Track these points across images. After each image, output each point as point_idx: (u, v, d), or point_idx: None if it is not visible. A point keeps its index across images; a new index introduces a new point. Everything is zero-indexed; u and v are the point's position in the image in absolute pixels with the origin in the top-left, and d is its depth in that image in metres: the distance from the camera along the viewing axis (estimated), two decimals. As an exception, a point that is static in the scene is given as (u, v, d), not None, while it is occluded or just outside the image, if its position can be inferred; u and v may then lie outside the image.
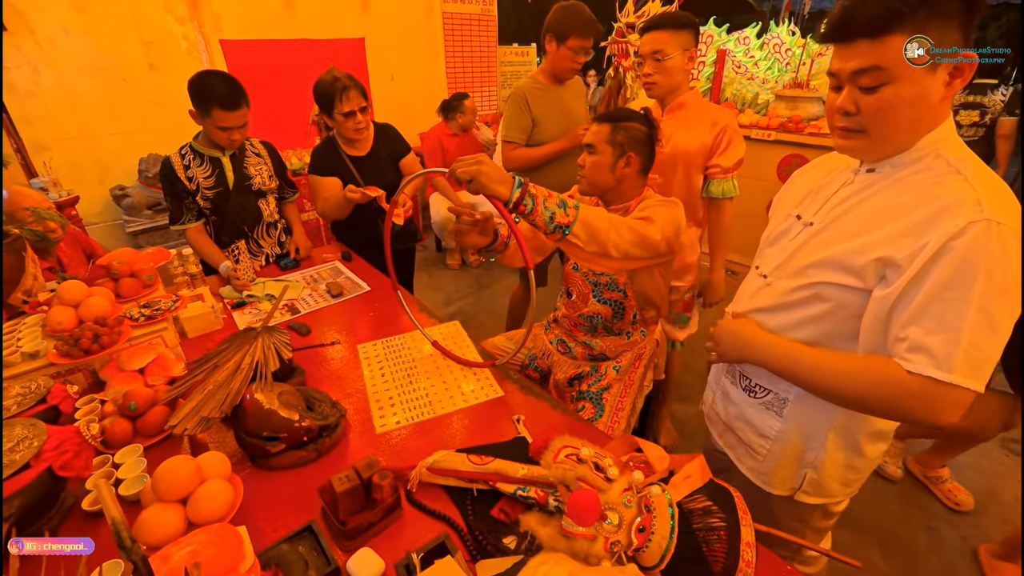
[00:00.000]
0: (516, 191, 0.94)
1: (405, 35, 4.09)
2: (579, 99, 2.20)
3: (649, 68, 1.59)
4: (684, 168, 1.65)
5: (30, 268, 1.29)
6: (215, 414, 0.89)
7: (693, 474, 0.71)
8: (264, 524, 0.82)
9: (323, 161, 1.90)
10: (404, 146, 2.06)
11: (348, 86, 1.75)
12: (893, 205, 0.75)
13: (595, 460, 0.71)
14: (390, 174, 1.99)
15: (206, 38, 3.12)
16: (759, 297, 0.95)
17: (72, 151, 2.83)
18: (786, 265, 0.89)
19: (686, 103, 1.63)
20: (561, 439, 0.77)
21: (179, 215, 1.74)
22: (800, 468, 0.93)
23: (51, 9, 2.60)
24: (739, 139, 1.59)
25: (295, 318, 1.49)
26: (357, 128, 1.81)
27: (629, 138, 1.28)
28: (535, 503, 0.77)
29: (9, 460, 0.72)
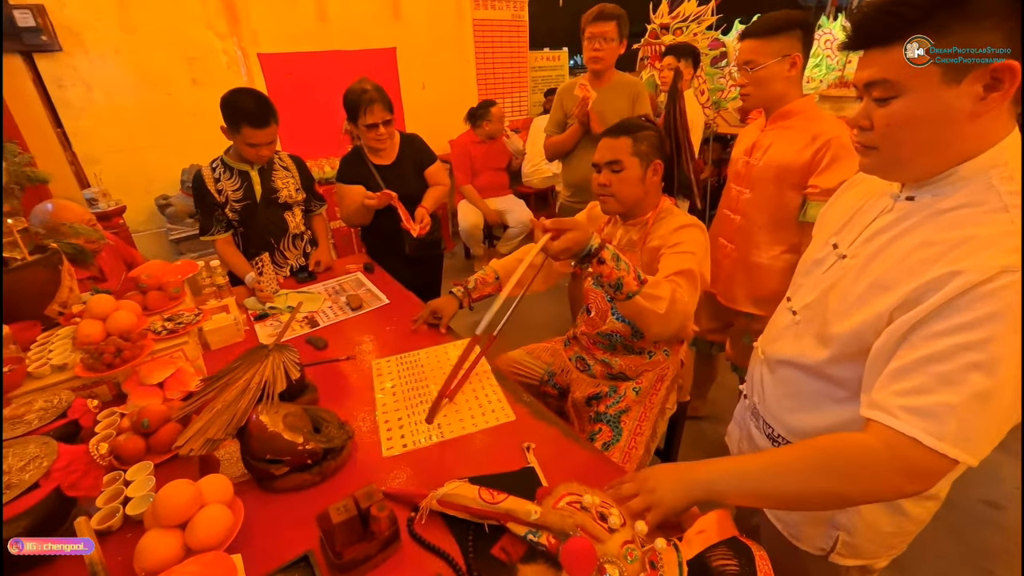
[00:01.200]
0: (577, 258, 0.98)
1: (436, 43, 4.12)
2: (626, 96, 2.15)
3: (741, 79, 1.50)
4: (777, 184, 1.50)
5: (66, 281, 1.34)
6: (220, 435, 0.88)
7: (708, 528, 0.64)
8: (262, 550, 0.80)
9: (349, 169, 1.96)
10: (430, 155, 2.08)
11: (373, 99, 1.79)
12: (927, 244, 0.63)
13: (600, 509, 0.66)
14: (414, 183, 2.01)
15: (245, 53, 3.23)
16: (785, 340, 0.86)
17: (120, 163, 2.98)
18: (815, 306, 0.80)
19: (793, 112, 1.48)
20: (567, 485, 0.72)
21: (209, 226, 1.79)
22: (830, 530, 0.83)
23: (103, 30, 2.75)
24: (847, 156, 1.38)
25: (314, 331, 1.50)
26: (379, 139, 1.86)
27: (651, 146, 1.27)
28: (545, 550, 0.72)
29: (19, 479, 0.73)
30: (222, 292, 1.68)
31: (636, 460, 1.26)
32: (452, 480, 0.86)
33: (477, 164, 3.58)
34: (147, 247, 3.12)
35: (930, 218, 0.65)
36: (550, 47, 5.26)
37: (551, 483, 0.90)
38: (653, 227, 1.29)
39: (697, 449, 2.06)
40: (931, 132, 0.62)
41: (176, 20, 2.95)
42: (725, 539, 0.64)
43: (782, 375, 0.88)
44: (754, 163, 1.56)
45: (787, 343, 0.86)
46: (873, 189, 0.80)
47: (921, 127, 0.62)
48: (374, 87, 1.82)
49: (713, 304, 1.82)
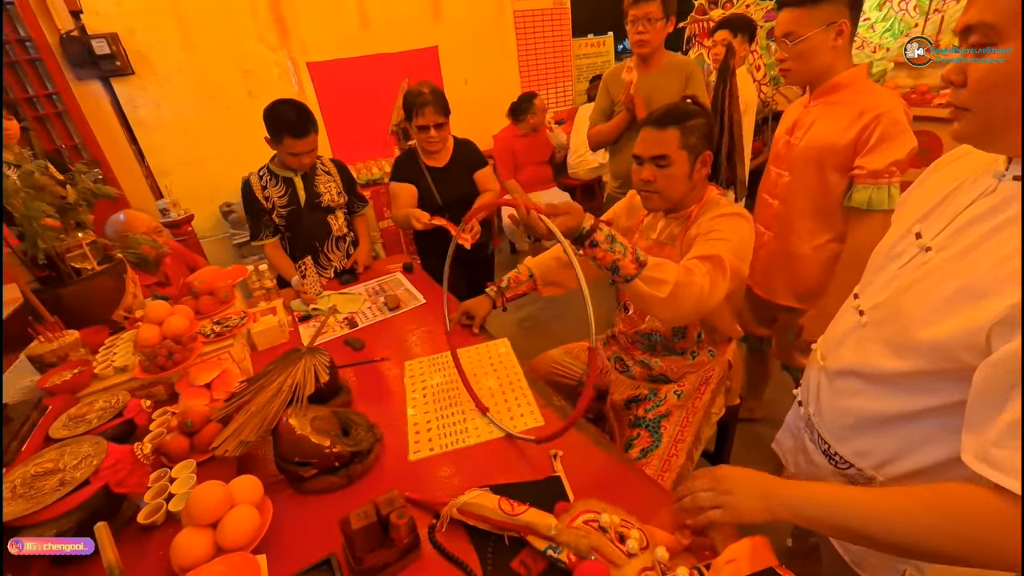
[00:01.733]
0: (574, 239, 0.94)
1: (477, 38, 4.11)
2: (677, 78, 2.00)
3: (781, 52, 1.35)
4: (818, 166, 1.36)
5: (129, 287, 1.45)
6: (253, 437, 0.91)
7: (739, 558, 0.58)
8: (288, 551, 0.82)
9: (403, 169, 1.98)
10: (480, 160, 2.07)
11: (427, 102, 1.80)
12: None
13: (619, 529, 0.61)
14: (464, 186, 2.03)
15: (295, 63, 3.37)
16: (848, 346, 0.74)
17: (188, 174, 3.21)
18: (889, 307, 0.67)
19: (840, 85, 1.32)
20: (585, 502, 0.68)
21: (258, 231, 1.88)
22: (896, 562, 0.72)
23: (168, 51, 2.96)
24: (900, 133, 1.22)
25: (352, 332, 1.53)
26: (429, 141, 1.88)
27: (701, 136, 1.15)
28: (565, 568, 0.69)
29: (72, 477, 0.79)
30: (270, 295, 1.75)
31: (676, 468, 1.18)
32: (473, 488, 0.84)
33: (520, 158, 3.54)
34: (213, 252, 3.34)
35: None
36: (594, 33, 5.10)
37: (577, 494, 0.86)
38: (696, 219, 1.20)
39: (752, 454, 1.92)
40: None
41: (231, 36, 3.12)
42: (759, 572, 0.57)
43: (843, 386, 0.76)
44: (795, 143, 1.41)
45: (851, 349, 0.75)
46: (972, 166, 0.66)
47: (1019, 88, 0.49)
48: (431, 90, 1.82)
49: (753, 297, 1.68)
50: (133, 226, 1.82)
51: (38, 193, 1.22)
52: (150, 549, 0.84)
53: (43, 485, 0.78)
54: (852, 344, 0.75)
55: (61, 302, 1.28)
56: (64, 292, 1.29)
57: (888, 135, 1.22)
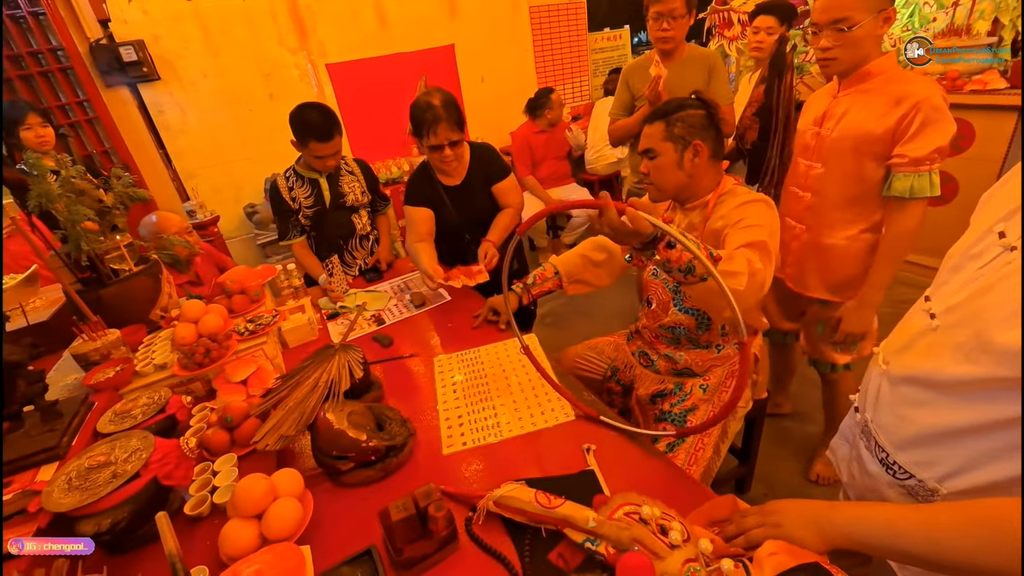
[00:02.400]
0: (640, 246, 0.90)
1: (493, 35, 4.12)
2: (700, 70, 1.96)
3: (828, 40, 1.28)
4: (854, 156, 1.33)
5: (165, 288, 1.49)
6: (292, 432, 0.94)
7: (781, 551, 0.57)
8: (330, 542, 0.84)
9: (417, 190, 1.78)
10: (499, 170, 1.80)
11: (438, 118, 1.53)
12: None
13: (661, 522, 0.61)
14: (483, 204, 1.80)
15: (314, 65, 3.42)
16: (917, 350, 0.70)
17: (213, 177, 3.28)
18: (966, 310, 0.63)
19: (872, 73, 1.30)
20: (624, 495, 0.68)
21: (285, 231, 1.92)
22: None
23: (192, 57, 3.03)
24: (941, 119, 1.20)
25: (380, 329, 1.55)
26: (444, 161, 1.63)
27: (688, 127, 1.16)
28: (603, 561, 0.69)
29: (123, 470, 0.82)
30: (298, 293, 1.79)
31: (703, 462, 1.18)
32: (509, 482, 0.85)
33: (538, 154, 3.54)
34: (238, 252, 3.41)
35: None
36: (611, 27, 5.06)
37: (612, 489, 0.86)
38: (715, 208, 1.20)
39: (782, 448, 1.90)
40: None
41: (252, 40, 3.18)
42: (806, 563, 0.57)
43: (907, 393, 0.72)
44: (826, 134, 1.39)
45: (919, 354, 0.70)
46: None
47: None
48: (442, 101, 1.54)
49: (782, 290, 1.65)
50: (165, 227, 1.87)
51: (79, 197, 1.26)
52: (197, 539, 0.86)
53: (97, 477, 0.81)
54: (921, 349, 0.71)
55: (102, 302, 1.32)
56: (104, 293, 1.33)
57: (929, 121, 1.20)
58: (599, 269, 1.52)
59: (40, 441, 0.94)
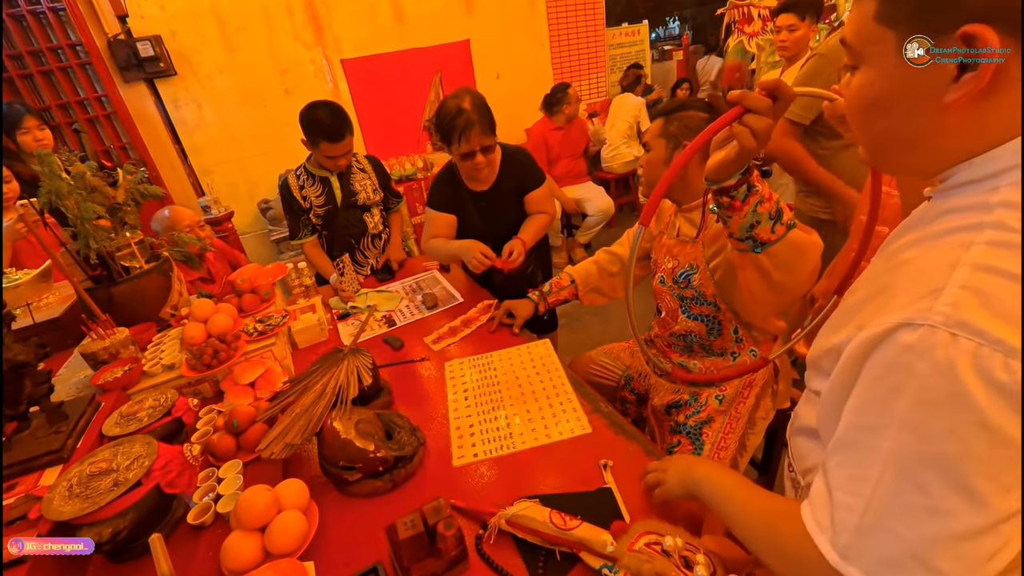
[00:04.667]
0: (737, 176, 0.77)
1: (509, 30, 4.06)
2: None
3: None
4: None
5: (175, 285, 1.48)
6: (298, 440, 0.91)
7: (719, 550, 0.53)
8: (334, 557, 0.81)
9: (440, 193, 1.67)
10: (534, 178, 1.66)
11: (471, 122, 1.43)
12: (908, 268, 0.48)
13: (684, 553, 0.57)
14: (512, 214, 1.67)
15: (329, 60, 3.40)
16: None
17: (228, 172, 3.29)
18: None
19: None
20: (644, 523, 0.64)
21: (297, 230, 1.90)
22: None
23: (209, 52, 3.03)
24: None
25: (391, 331, 1.52)
26: (476, 169, 1.52)
27: (683, 127, 1.14)
28: (620, 588, 0.65)
29: (124, 478, 0.80)
30: (309, 292, 1.76)
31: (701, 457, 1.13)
32: (522, 499, 0.81)
33: (554, 152, 3.48)
34: (252, 248, 3.42)
35: (924, 240, 0.49)
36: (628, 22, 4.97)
37: (631, 508, 0.81)
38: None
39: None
40: (892, 118, 0.49)
41: (268, 36, 3.17)
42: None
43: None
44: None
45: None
46: None
47: (881, 106, 0.49)
48: (472, 104, 1.44)
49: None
50: (178, 220, 1.87)
51: (90, 194, 1.25)
52: (200, 549, 0.84)
53: (98, 485, 0.78)
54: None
55: (112, 300, 1.31)
56: (115, 290, 1.31)
57: None
58: (613, 280, 1.50)
59: (45, 443, 0.92)
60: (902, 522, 0.41)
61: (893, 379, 0.42)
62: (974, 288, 0.39)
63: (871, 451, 0.43)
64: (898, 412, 0.41)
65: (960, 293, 0.39)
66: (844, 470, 0.47)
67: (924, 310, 0.40)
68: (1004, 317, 0.37)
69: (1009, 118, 0.43)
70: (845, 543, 0.44)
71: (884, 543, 0.42)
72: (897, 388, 0.41)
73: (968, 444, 0.38)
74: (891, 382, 0.42)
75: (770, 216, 0.79)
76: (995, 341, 0.37)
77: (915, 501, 0.40)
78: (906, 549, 0.41)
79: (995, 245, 0.40)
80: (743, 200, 0.78)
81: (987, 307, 0.38)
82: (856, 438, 0.46)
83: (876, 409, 0.44)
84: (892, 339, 0.42)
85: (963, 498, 0.39)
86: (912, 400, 0.40)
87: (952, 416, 0.38)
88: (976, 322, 0.38)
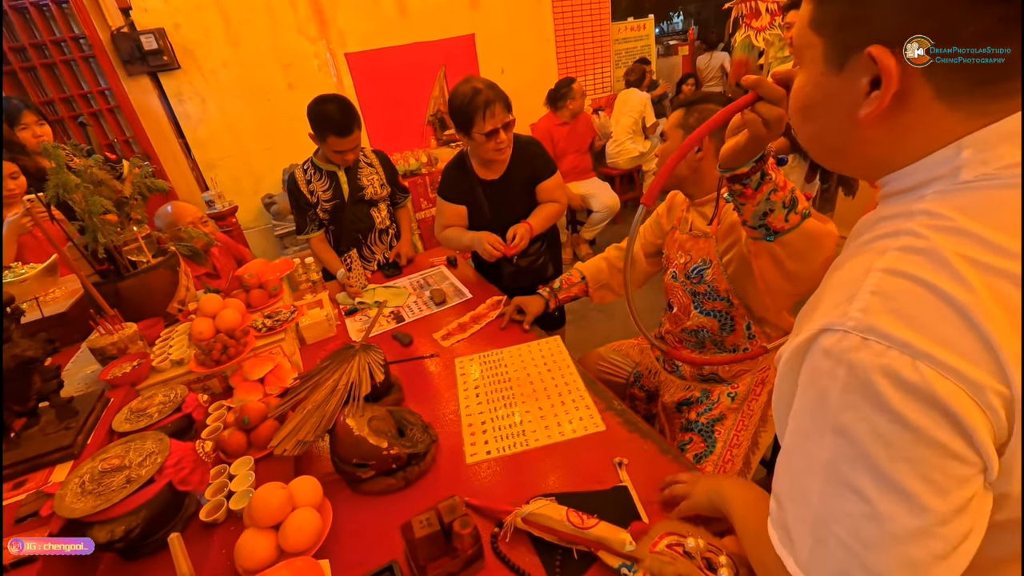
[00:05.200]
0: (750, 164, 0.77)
1: (514, 25, 4.03)
2: None
3: None
4: None
5: (183, 280, 1.47)
6: (311, 437, 0.90)
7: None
8: (349, 555, 0.80)
9: (451, 184, 1.69)
10: (545, 167, 1.66)
11: (491, 99, 1.43)
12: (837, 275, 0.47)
13: (706, 555, 0.56)
14: (522, 204, 1.67)
15: (333, 54, 3.37)
16: None
17: (232, 167, 3.27)
18: None
19: None
20: (665, 524, 0.63)
21: (303, 225, 1.88)
22: None
23: (213, 46, 3.00)
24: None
25: (399, 326, 1.51)
26: (499, 148, 1.51)
27: (701, 119, 1.12)
28: (639, 587, 0.64)
29: (137, 474, 0.79)
30: (316, 287, 1.75)
31: (733, 474, 1.12)
32: (538, 497, 0.80)
33: (560, 147, 3.46)
34: (256, 243, 3.41)
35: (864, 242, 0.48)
36: (634, 16, 4.93)
37: (648, 507, 0.81)
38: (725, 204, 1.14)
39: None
40: (823, 125, 0.49)
41: (272, 29, 3.15)
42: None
43: None
44: None
45: None
46: None
47: (811, 109, 0.50)
48: (486, 84, 1.46)
49: None
50: (181, 216, 1.85)
51: (97, 188, 1.23)
52: (213, 546, 0.83)
53: (110, 482, 0.78)
54: None
55: (119, 295, 1.30)
56: (122, 285, 1.30)
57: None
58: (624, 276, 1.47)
59: (55, 440, 0.91)
60: (845, 529, 0.40)
61: (819, 384, 0.42)
62: (882, 292, 0.39)
63: (810, 458, 0.43)
64: (828, 417, 0.41)
65: (870, 298, 0.40)
66: (790, 479, 0.46)
67: (840, 316, 0.41)
68: (909, 320, 0.37)
69: (929, 136, 0.42)
70: (806, 559, 0.43)
71: (834, 555, 0.41)
72: (822, 393, 0.41)
73: (893, 446, 0.37)
74: (818, 387, 0.42)
75: (784, 205, 0.79)
76: (902, 344, 0.37)
77: (854, 508, 0.40)
78: (854, 559, 0.40)
79: (906, 251, 0.40)
80: (755, 188, 0.78)
81: (893, 311, 0.38)
82: (797, 444, 0.46)
83: (809, 415, 0.44)
84: (815, 344, 0.42)
85: (898, 500, 0.38)
86: (837, 404, 0.40)
87: (873, 418, 0.38)
88: (883, 326, 0.38)
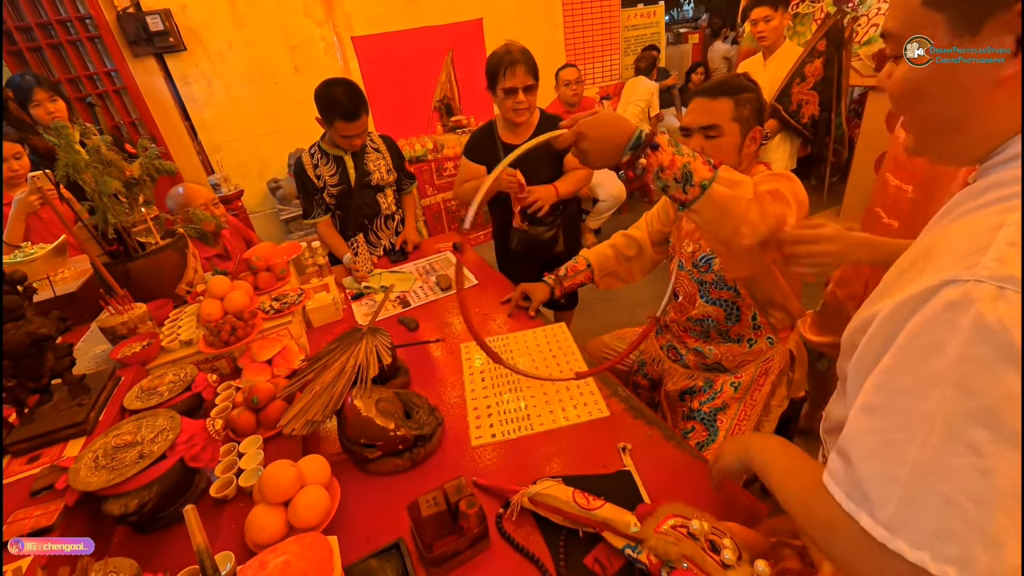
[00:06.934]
0: (627, 154, 0.79)
1: (523, 10, 3.98)
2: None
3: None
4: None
5: (191, 262, 1.48)
6: (319, 417, 0.91)
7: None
8: (357, 532, 0.82)
9: (476, 145, 1.79)
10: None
11: (517, 60, 1.57)
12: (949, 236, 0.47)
13: (711, 537, 0.57)
14: (545, 170, 1.73)
15: (340, 37, 3.34)
16: None
17: (238, 151, 3.27)
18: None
19: None
20: (671, 506, 0.64)
21: (310, 210, 1.89)
22: None
23: (219, 28, 2.98)
24: None
25: (405, 311, 1.52)
26: (517, 107, 1.62)
27: (753, 111, 1.09)
28: (645, 569, 0.65)
29: (150, 450, 0.80)
30: (323, 271, 1.76)
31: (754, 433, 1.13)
32: (544, 479, 0.82)
33: (564, 136, 3.42)
34: (262, 227, 3.41)
35: (965, 214, 0.49)
36: (644, 3, 4.86)
37: (651, 492, 0.82)
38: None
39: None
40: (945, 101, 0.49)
41: (279, 11, 3.12)
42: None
43: None
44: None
45: None
46: None
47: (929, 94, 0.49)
48: (520, 49, 1.61)
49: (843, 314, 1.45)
50: (192, 198, 1.85)
51: (106, 168, 1.24)
52: (223, 522, 0.85)
53: (124, 457, 0.79)
54: None
55: (128, 275, 1.31)
56: (132, 266, 1.31)
57: None
58: (630, 264, 1.48)
59: (68, 416, 0.93)
60: (953, 486, 0.39)
61: (932, 337, 0.41)
62: (1021, 245, 0.39)
63: (909, 413, 0.41)
64: (940, 370, 0.40)
65: (1007, 249, 0.39)
66: (875, 436, 0.44)
67: (969, 267, 0.40)
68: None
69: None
70: (890, 516, 0.42)
71: (933, 511, 0.39)
72: (938, 345, 0.40)
73: (1018, 396, 0.36)
74: (930, 340, 0.41)
75: (676, 180, 0.78)
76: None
77: (965, 462, 0.38)
78: (959, 515, 0.38)
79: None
80: (640, 173, 0.80)
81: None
82: (889, 400, 0.44)
83: (913, 369, 0.42)
84: (933, 298, 0.41)
85: (1017, 456, 0.37)
86: (955, 356, 0.39)
87: (998, 369, 0.37)
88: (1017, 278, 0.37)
